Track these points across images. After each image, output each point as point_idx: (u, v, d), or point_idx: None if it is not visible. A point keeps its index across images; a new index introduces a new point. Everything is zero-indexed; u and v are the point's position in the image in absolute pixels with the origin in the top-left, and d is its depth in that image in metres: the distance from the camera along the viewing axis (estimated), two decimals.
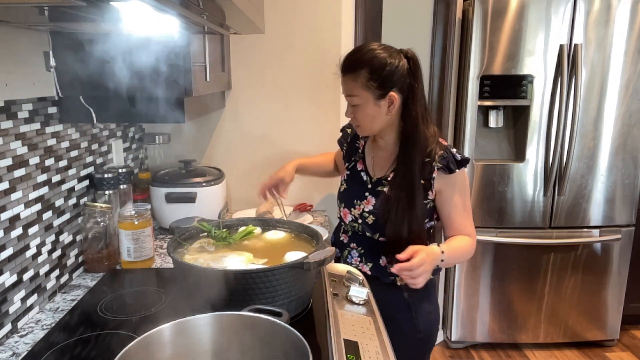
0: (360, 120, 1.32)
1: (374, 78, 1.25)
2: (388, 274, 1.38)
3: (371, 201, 1.38)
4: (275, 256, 1.17)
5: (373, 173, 1.42)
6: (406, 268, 1.16)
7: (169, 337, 0.81)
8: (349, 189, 1.47)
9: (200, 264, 1.10)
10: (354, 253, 1.45)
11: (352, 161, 1.48)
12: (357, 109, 1.30)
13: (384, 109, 1.29)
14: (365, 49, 1.29)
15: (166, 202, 1.74)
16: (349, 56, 1.30)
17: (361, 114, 1.31)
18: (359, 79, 1.26)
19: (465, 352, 2.70)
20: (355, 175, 1.46)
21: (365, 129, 1.35)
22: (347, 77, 1.29)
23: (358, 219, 1.41)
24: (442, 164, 1.30)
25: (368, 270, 1.41)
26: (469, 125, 2.42)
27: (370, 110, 1.29)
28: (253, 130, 2.09)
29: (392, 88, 1.27)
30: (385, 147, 1.40)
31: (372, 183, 1.40)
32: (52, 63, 1.24)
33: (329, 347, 0.95)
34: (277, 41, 1.99)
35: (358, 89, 1.27)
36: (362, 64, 1.26)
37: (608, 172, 2.48)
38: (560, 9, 2.29)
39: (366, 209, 1.39)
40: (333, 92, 2.05)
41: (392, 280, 1.39)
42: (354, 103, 1.30)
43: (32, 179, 1.18)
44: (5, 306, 1.08)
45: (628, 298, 2.65)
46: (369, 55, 1.26)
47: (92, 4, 0.75)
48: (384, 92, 1.27)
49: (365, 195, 1.40)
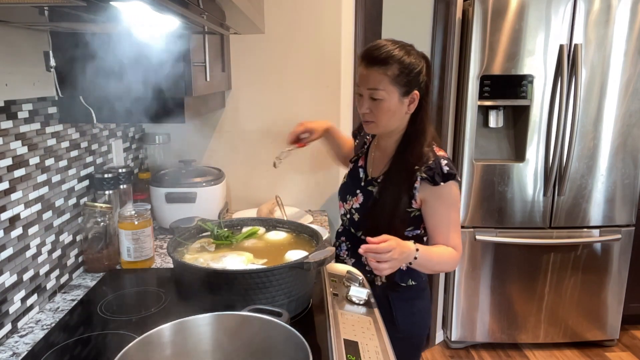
0: (378, 115, 1.28)
1: (404, 74, 1.24)
2: (367, 272, 1.37)
3: (359, 199, 1.40)
4: (275, 256, 1.17)
5: (370, 172, 1.43)
6: (372, 250, 1.13)
7: (169, 337, 0.81)
8: (346, 182, 1.49)
9: (200, 264, 1.10)
10: (343, 246, 1.48)
11: (357, 155, 1.49)
12: (378, 103, 1.27)
13: (404, 107, 1.28)
14: (397, 43, 1.26)
15: (166, 202, 1.74)
16: (379, 48, 1.25)
17: (382, 109, 1.27)
18: (389, 73, 1.23)
19: (465, 352, 2.70)
20: (355, 170, 1.47)
21: (380, 125, 1.31)
22: (375, 70, 1.25)
23: (347, 213, 1.44)
24: (427, 175, 1.27)
25: (351, 265, 1.43)
26: (469, 125, 2.42)
27: (393, 106, 1.27)
28: (253, 130, 2.09)
29: (416, 87, 1.27)
30: (385, 147, 1.40)
31: (365, 181, 1.41)
32: (52, 63, 1.24)
33: (329, 347, 0.95)
34: (277, 41, 1.99)
35: (385, 83, 1.24)
36: (394, 59, 1.23)
37: (608, 172, 2.48)
38: (560, 9, 2.29)
39: (354, 206, 1.41)
40: (333, 92, 2.06)
41: (370, 279, 1.39)
42: (377, 97, 1.26)
43: (32, 179, 1.18)
44: (5, 306, 1.08)
45: (628, 298, 2.65)
46: (402, 51, 1.24)
47: (92, 4, 0.75)
48: (409, 89, 1.26)
49: (356, 192, 1.42)
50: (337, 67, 2.04)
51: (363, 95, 1.29)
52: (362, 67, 1.28)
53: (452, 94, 2.50)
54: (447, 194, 1.29)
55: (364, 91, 1.28)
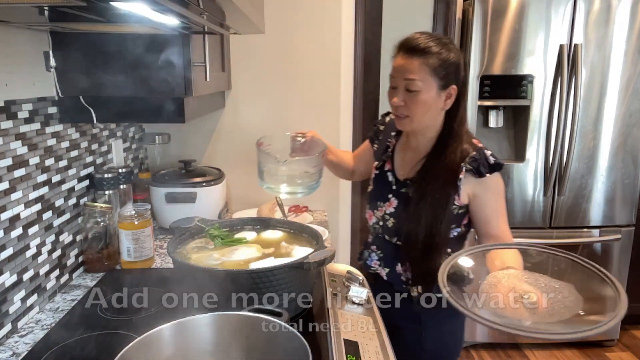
0: (414, 108, 1.21)
1: (444, 66, 1.18)
2: (402, 281, 1.33)
3: (393, 203, 1.32)
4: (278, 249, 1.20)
5: (400, 174, 1.35)
6: None
7: (169, 337, 0.81)
8: (374, 190, 1.40)
9: (215, 259, 1.11)
10: (374, 256, 1.40)
11: (382, 160, 1.40)
12: (415, 95, 1.20)
13: (441, 102, 1.22)
14: (437, 35, 1.21)
15: (166, 202, 1.74)
16: (419, 38, 1.20)
17: (418, 102, 1.20)
18: (429, 62, 1.18)
19: (465, 352, 2.70)
20: (382, 175, 1.38)
21: (414, 119, 1.23)
22: (414, 59, 1.18)
23: (380, 221, 1.35)
24: (472, 166, 1.22)
25: (385, 275, 1.37)
26: (469, 125, 2.42)
27: (429, 99, 1.20)
28: (253, 130, 2.08)
29: (454, 82, 1.22)
30: (416, 147, 1.32)
31: (396, 184, 1.33)
32: (52, 63, 1.24)
33: (329, 347, 0.95)
34: (277, 41, 1.99)
35: (424, 74, 1.18)
36: (435, 49, 1.18)
37: (608, 172, 2.48)
38: (560, 9, 2.29)
39: (387, 211, 1.33)
40: (333, 91, 2.05)
41: (405, 289, 1.33)
42: (413, 88, 1.19)
43: (32, 179, 1.18)
44: (5, 306, 1.08)
45: (628, 298, 2.64)
46: (443, 42, 1.20)
47: (92, 4, 0.75)
48: (447, 83, 1.20)
49: (388, 197, 1.33)
50: (337, 67, 2.04)
51: (397, 87, 1.22)
52: (400, 57, 1.21)
53: None
54: (495, 184, 1.25)
55: (400, 82, 1.21)
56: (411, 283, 1.31)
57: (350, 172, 1.63)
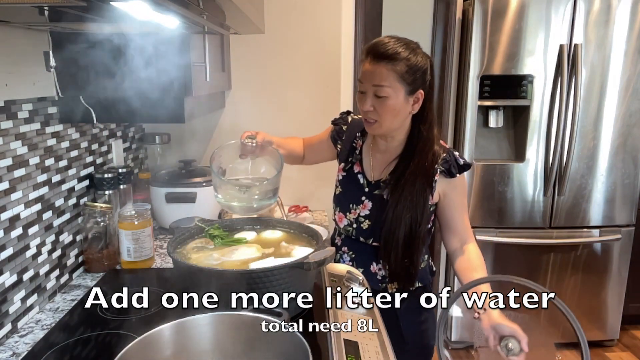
0: (382, 114, 1.22)
1: (410, 72, 1.19)
2: (378, 280, 1.36)
3: (367, 205, 1.34)
4: (278, 249, 1.19)
5: (371, 176, 1.37)
6: None
7: (169, 337, 0.81)
8: (344, 192, 1.41)
9: (215, 259, 1.11)
10: (346, 257, 1.42)
11: (349, 162, 1.40)
12: (383, 101, 1.20)
13: (409, 107, 1.24)
14: (402, 41, 1.21)
15: (166, 202, 1.74)
16: (386, 44, 1.20)
17: (387, 107, 1.21)
18: (397, 69, 1.18)
19: (465, 352, 2.70)
20: (351, 177, 1.39)
21: (383, 125, 1.25)
22: (382, 65, 1.18)
23: (353, 223, 1.37)
24: (444, 168, 1.27)
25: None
26: (469, 125, 2.42)
27: (398, 105, 1.21)
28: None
29: (421, 86, 1.23)
30: (386, 149, 1.34)
31: (369, 186, 1.35)
32: (52, 63, 1.24)
33: (329, 347, 0.95)
34: (277, 41, 1.99)
35: (392, 80, 1.18)
36: (401, 55, 1.18)
37: (608, 172, 2.48)
38: (560, 9, 2.29)
39: (362, 214, 1.35)
40: (333, 91, 2.05)
41: (382, 288, 1.36)
42: (382, 94, 1.20)
43: (32, 179, 1.18)
44: (5, 306, 1.08)
45: (628, 298, 2.65)
46: (410, 48, 1.20)
47: (92, 4, 0.75)
48: (414, 88, 1.21)
49: (361, 199, 1.35)
50: (337, 67, 2.04)
51: (366, 93, 1.22)
52: (368, 63, 1.21)
53: (452, 94, 2.50)
54: (461, 183, 1.33)
55: (368, 88, 1.21)
56: (388, 281, 1.36)
57: (300, 159, 1.59)
